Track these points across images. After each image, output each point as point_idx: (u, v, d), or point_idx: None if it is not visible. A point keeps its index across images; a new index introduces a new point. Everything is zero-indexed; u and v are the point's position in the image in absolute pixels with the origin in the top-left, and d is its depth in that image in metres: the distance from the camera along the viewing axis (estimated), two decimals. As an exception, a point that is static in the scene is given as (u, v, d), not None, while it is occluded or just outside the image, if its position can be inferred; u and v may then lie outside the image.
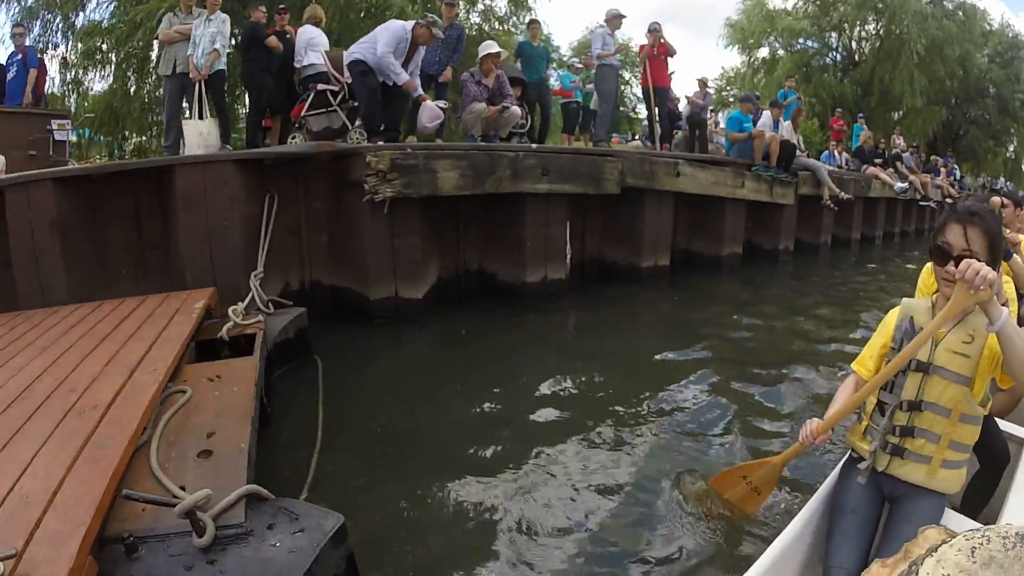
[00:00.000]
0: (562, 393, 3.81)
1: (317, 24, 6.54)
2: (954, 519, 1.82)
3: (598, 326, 5.47)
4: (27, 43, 7.48)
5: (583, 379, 4.06)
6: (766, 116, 8.94)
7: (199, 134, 5.64)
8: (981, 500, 2.23)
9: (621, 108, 25.04)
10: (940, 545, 1.03)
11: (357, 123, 6.00)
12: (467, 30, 6.81)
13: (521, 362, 4.51)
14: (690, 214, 7.84)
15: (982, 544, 0.99)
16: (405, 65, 5.61)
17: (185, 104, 6.19)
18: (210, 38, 5.63)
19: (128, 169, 4.76)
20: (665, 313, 6.28)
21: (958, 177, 18.06)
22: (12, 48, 7.04)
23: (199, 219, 4.41)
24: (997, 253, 1.67)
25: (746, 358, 4.55)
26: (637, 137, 11.75)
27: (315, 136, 6.13)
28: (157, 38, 7.02)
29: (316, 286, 5.36)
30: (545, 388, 3.85)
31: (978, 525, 1.73)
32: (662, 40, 8.08)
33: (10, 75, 6.76)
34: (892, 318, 1.91)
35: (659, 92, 8.53)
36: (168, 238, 4.68)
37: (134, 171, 4.68)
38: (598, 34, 7.97)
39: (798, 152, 9.41)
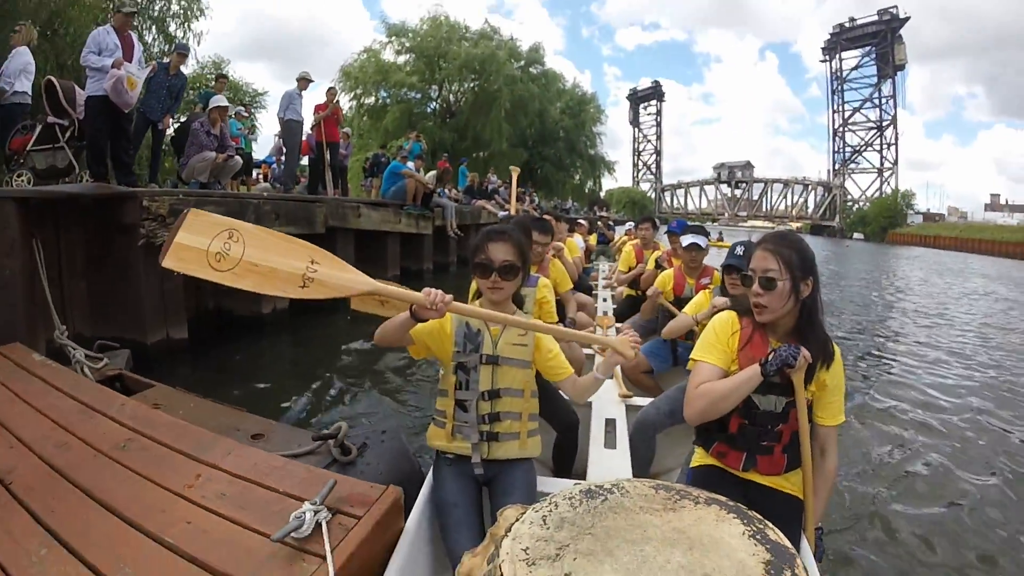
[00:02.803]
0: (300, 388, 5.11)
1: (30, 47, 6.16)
2: (549, 482, 2.07)
3: (314, 338, 7.03)
4: None
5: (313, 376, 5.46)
6: (411, 164, 11.61)
7: None
8: (569, 459, 2.64)
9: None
10: (514, 523, 1.05)
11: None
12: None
13: (268, 366, 5.84)
14: (363, 246, 9.49)
15: (551, 511, 1.05)
16: (129, 58, 5.53)
17: None
18: None
19: None
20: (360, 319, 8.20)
21: (537, 202, 24.30)
22: None
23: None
24: (526, 258, 1.99)
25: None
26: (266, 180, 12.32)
27: (39, 175, 5.86)
28: None
29: (78, 339, 4.26)
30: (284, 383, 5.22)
31: (572, 481, 2.05)
32: (338, 104, 9.94)
33: None
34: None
35: (331, 146, 10.25)
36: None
37: None
38: (288, 93, 8.89)
39: (435, 194, 12.46)
